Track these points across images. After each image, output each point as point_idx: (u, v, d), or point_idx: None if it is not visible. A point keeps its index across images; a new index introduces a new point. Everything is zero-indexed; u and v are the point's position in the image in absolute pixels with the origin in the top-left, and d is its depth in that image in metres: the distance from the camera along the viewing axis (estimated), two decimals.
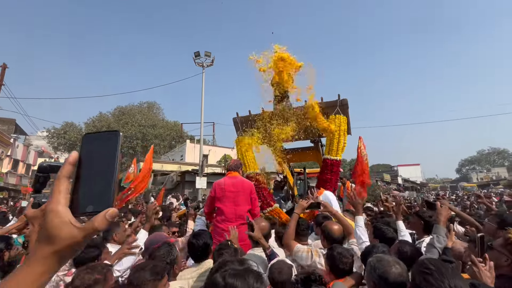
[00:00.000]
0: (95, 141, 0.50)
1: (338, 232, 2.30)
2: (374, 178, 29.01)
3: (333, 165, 4.66)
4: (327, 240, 2.32)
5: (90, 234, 0.43)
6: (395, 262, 1.50)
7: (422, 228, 2.61)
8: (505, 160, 62.84)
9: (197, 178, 13.47)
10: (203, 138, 19.21)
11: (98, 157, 0.48)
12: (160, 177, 16.82)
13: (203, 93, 15.48)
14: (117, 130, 0.51)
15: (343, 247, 2.13)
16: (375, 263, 1.52)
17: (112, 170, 0.47)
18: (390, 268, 1.44)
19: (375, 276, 1.47)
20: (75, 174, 0.47)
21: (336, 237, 2.29)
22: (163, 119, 40.68)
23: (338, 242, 2.25)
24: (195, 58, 15.78)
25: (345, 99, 4.99)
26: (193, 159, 25.16)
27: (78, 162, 0.48)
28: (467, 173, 63.96)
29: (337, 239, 2.28)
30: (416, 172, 56.97)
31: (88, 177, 0.48)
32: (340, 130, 4.71)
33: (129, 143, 33.24)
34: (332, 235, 2.29)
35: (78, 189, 0.47)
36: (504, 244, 1.63)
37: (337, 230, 2.32)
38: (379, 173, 40.96)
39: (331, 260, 1.96)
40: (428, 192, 36.10)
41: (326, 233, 2.34)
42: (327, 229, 2.34)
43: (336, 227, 2.34)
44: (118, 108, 38.97)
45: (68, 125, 36.77)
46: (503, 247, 1.62)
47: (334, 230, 2.31)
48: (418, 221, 2.69)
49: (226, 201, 3.09)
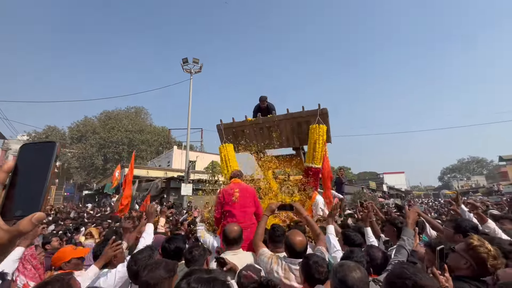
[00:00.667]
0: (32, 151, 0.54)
1: (300, 245, 2.13)
2: (360, 186, 29.56)
3: (313, 173, 4.81)
4: (288, 252, 2.18)
5: (15, 236, 0.47)
6: (356, 267, 1.54)
7: (396, 235, 2.65)
8: (483, 169, 65.53)
9: (183, 185, 13.32)
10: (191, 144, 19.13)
11: (33, 165, 0.52)
12: (145, 183, 16.51)
13: (191, 99, 15.49)
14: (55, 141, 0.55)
15: (318, 256, 2.09)
16: (337, 267, 1.58)
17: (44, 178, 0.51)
18: (350, 272, 1.49)
19: (336, 280, 1.52)
20: (10, 180, 0.51)
21: (298, 249, 2.13)
22: (150, 124, 40.13)
23: (300, 255, 2.10)
24: (183, 65, 15.81)
25: (325, 108, 5.16)
26: (180, 165, 24.85)
27: (14, 169, 0.52)
28: (448, 181, 66.13)
29: (298, 252, 2.12)
30: (401, 180, 58.40)
31: (22, 184, 0.51)
32: (319, 139, 4.86)
33: (114, 148, 32.50)
34: (294, 248, 2.14)
35: (12, 195, 0.51)
36: (465, 249, 1.73)
37: (299, 242, 2.15)
38: (365, 180, 41.73)
39: (307, 269, 1.92)
40: (412, 200, 37.01)
41: (288, 244, 2.18)
42: (289, 241, 2.18)
43: (299, 238, 2.17)
44: (104, 112, 38.18)
45: (50, 129, 35.63)
46: (464, 252, 1.73)
47: (296, 242, 2.15)
48: (391, 229, 2.77)
49: (234, 204, 3.26)
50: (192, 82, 15.67)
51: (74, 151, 32.72)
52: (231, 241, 2.36)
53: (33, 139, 34.12)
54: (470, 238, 1.76)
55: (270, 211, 2.64)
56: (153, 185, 15.04)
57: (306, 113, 5.26)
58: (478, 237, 1.76)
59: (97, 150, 32.57)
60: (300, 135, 5.45)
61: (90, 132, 34.37)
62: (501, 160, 50.22)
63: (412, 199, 38.08)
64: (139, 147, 33.56)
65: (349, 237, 2.50)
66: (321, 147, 4.85)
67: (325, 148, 5.28)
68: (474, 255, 1.67)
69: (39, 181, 0.51)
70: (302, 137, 5.42)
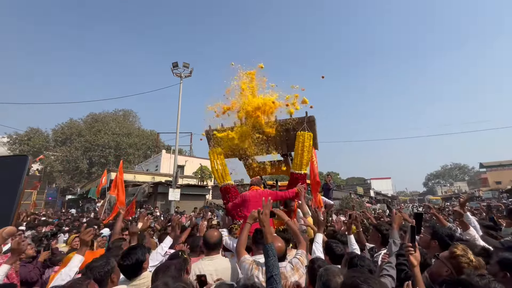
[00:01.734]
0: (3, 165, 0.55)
1: (278, 250, 2.10)
2: (348, 191, 30.01)
3: (298, 179, 4.87)
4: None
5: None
6: (340, 272, 1.59)
7: (380, 241, 2.71)
8: (465, 175, 67.96)
9: (170, 190, 13.11)
10: (180, 149, 18.93)
11: (3, 181, 0.54)
12: (131, 188, 16.16)
13: (180, 103, 15.40)
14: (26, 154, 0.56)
15: (323, 260, 2.16)
16: (322, 272, 1.63)
17: (15, 193, 0.53)
18: (333, 277, 1.53)
19: (320, 284, 1.56)
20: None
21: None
22: (139, 127, 39.48)
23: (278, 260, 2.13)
24: (173, 69, 15.74)
25: (312, 116, 5.27)
26: (169, 169, 24.48)
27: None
28: (433, 187, 68.15)
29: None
30: (387, 185, 59.68)
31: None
32: (304, 146, 4.95)
33: (101, 151, 31.71)
34: None
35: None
36: (448, 257, 1.77)
37: (277, 248, 2.10)
38: (353, 186, 42.43)
39: (312, 272, 1.94)
40: (398, 205, 37.84)
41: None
42: None
43: (278, 244, 2.17)
44: (90, 115, 37.30)
45: (33, 131, 34.42)
46: (447, 259, 1.76)
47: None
48: (376, 234, 2.80)
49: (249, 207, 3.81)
50: (182, 87, 15.60)
51: (58, 154, 31.68)
52: (211, 246, 2.42)
53: (14, 141, 32.83)
54: (454, 247, 1.78)
55: (252, 219, 2.64)
56: (139, 190, 14.73)
57: (294, 120, 5.35)
58: (462, 247, 1.77)
59: (82, 154, 31.67)
60: (288, 142, 5.52)
61: (75, 134, 33.43)
62: (482, 167, 52.28)
63: (398, 203, 38.89)
64: (126, 151, 32.89)
65: (330, 248, 2.49)
66: (307, 154, 4.95)
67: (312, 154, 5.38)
68: (455, 264, 1.70)
69: (9, 196, 0.52)
70: (290, 143, 5.48)
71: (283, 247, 2.24)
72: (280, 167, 6.50)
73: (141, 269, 2.10)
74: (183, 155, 28.70)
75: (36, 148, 32.45)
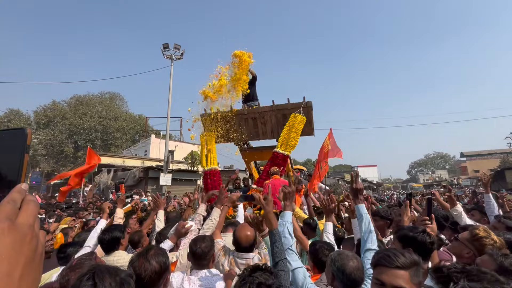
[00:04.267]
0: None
1: (246, 240, 2.05)
2: (336, 178, 30.80)
3: (278, 158, 4.93)
4: (235, 246, 2.12)
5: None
6: (353, 256, 1.64)
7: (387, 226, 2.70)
8: (446, 164, 70.93)
9: (162, 175, 13.00)
10: (170, 134, 18.59)
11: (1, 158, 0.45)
12: (121, 172, 15.93)
13: (171, 87, 14.96)
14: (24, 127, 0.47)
15: (323, 241, 2.18)
16: (335, 256, 1.65)
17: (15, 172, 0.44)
18: (348, 261, 1.57)
19: (334, 268, 1.59)
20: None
21: (243, 245, 2.06)
22: (126, 111, 38.33)
23: (245, 250, 2.07)
24: (164, 50, 15.16)
25: (310, 102, 5.28)
26: (158, 154, 24.18)
27: None
28: (415, 175, 70.85)
29: (243, 248, 2.07)
30: (373, 173, 61.54)
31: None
32: (293, 127, 4.98)
33: (87, 135, 30.76)
34: (239, 243, 2.07)
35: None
36: (470, 239, 1.77)
37: (245, 237, 2.06)
38: (341, 173, 43.51)
39: (314, 254, 1.98)
40: (383, 192, 39.27)
41: (234, 239, 2.12)
42: (235, 236, 2.11)
43: (247, 233, 2.08)
44: (75, 97, 35.77)
45: (13, 113, 32.81)
46: (468, 241, 1.77)
47: (241, 238, 2.06)
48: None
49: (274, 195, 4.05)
50: (172, 69, 15.13)
51: (41, 137, 30.49)
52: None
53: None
54: (475, 229, 1.78)
55: (230, 202, 2.62)
56: (130, 175, 14.54)
57: (291, 105, 5.35)
58: (484, 228, 1.78)
59: (67, 137, 30.63)
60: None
61: (58, 117, 32.12)
62: (462, 156, 54.65)
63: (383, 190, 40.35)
64: (113, 135, 32.06)
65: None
66: (296, 136, 4.98)
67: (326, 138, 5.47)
68: (479, 246, 1.69)
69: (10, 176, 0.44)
70: None
71: (252, 236, 2.11)
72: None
73: (118, 245, 2.32)
74: (173, 140, 28.30)
75: None
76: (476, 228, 1.81)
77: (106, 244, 2.28)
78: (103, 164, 15.34)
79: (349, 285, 1.53)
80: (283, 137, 5.04)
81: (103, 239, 2.27)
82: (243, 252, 2.07)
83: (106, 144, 31.75)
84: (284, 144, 5.02)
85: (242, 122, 5.85)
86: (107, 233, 2.29)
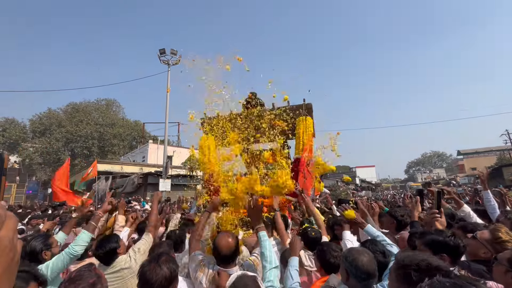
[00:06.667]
0: None
1: (226, 248, 1.88)
2: (335, 179, 30.79)
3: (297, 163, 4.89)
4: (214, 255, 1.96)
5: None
6: (364, 251, 1.67)
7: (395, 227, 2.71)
8: (443, 162, 71.38)
9: (161, 180, 12.91)
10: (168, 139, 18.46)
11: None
12: (119, 179, 15.78)
13: (168, 92, 14.94)
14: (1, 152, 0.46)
15: (330, 243, 2.16)
16: (347, 253, 1.68)
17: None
18: (359, 256, 1.60)
19: (347, 264, 1.61)
20: None
21: (222, 254, 1.89)
22: (123, 118, 38.14)
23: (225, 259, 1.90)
24: (160, 56, 15.16)
25: (310, 103, 5.29)
26: (156, 160, 24.03)
27: None
28: (413, 174, 71.18)
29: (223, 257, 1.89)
30: (371, 173, 61.67)
31: None
32: (307, 130, 4.98)
33: (83, 142, 30.51)
34: (219, 251, 1.89)
35: None
36: (490, 241, 1.69)
37: (225, 245, 1.88)
38: (339, 174, 43.56)
39: (322, 255, 1.97)
40: (382, 192, 39.34)
41: (213, 246, 1.95)
42: (215, 244, 1.94)
43: (228, 240, 1.91)
44: (71, 104, 35.53)
45: (8, 122, 32.48)
46: (488, 243, 1.70)
47: (221, 246, 1.89)
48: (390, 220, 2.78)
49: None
50: (169, 74, 15.11)
51: (37, 146, 30.19)
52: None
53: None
54: (497, 231, 1.71)
55: (212, 208, 2.33)
56: (128, 181, 14.41)
57: (291, 107, 5.34)
58: (506, 230, 1.71)
59: (64, 145, 30.37)
60: (285, 129, 5.53)
61: (55, 125, 31.85)
62: (459, 154, 55.02)
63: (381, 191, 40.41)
64: (110, 142, 31.85)
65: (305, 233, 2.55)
66: (309, 138, 4.97)
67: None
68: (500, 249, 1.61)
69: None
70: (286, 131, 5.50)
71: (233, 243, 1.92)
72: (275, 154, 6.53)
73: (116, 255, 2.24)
74: (170, 145, 28.16)
75: (12, 140, 30.75)
76: (497, 230, 1.73)
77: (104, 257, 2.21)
78: (101, 171, 15.18)
79: (364, 278, 1.54)
80: (298, 143, 5.05)
81: (99, 255, 2.19)
82: (224, 262, 1.90)
83: (103, 151, 31.51)
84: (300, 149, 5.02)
85: (243, 125, 5.82)
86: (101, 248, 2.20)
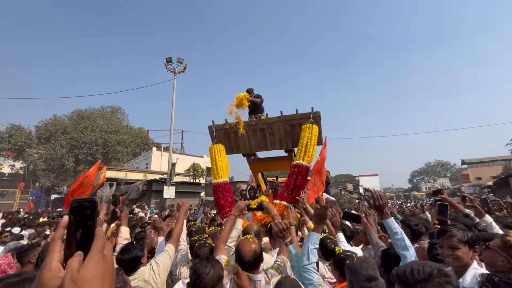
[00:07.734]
0: None
1: (249, 254, 1.92)
2: (339, 188, 30.61)
3: (300, 170, 4.87)
4: (237, 261, 2.00)
5: None
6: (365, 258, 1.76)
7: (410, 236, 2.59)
8: (447, 172, 70.69)
9: (165, 187, 12.92)
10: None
11: None
12: (124, 186, 15.80)
13: (174, 100, 15.12)
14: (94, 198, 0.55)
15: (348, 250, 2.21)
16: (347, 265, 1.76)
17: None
18: (360, 262, 1.68)
19: (348, 275, 1.69)
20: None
21: (246, 259, 1.92)
22: (127, 125, 38.49)
23: (249, 265, 1.93)
24: (167, 64, 15.42)
25: (318, 112, 5.33)
26: (160, 167, 24.11)
27: None
28: (417, 183, 70.44)
29: (247, 262, 1.92)
30: (375, 182, 61.09)
31: None
32: (311, 138, 4.99)
33: (88, 149, 30.74)
34: (242, 257, 1.94)
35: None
36: (502, 247, 1.70)
37: (248, 252, 1.93)
38: (342, 182, 43.32)
39: (339, 264, 1.97)
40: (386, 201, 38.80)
41: (237, 252, 2.00)
42: (238, 249, 2.00)
43: (252, 247, 1.95)
44: (76, 111, 35.99)
45: (14, 128, 32.85)
46: (501, 249, 1.70)
47: (244, 252, 1.93)
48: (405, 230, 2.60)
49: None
50: (175, 82, 15.33)
51: (42, 152, 30.44)
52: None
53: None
54: (506, 236, 1.74)
55: (238, 211, 2.43)
56: (133, 188, 14.43)
57: (300, 115, 5.39)
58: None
59: (68, 151, 30.60)
60: (293, 138, 5.55)
61: (60, 132, 32.20)
62: (463, 163, 54.51)
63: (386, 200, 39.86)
64: (115, 148, 32.07)
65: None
66: (313, 146, 4.98)
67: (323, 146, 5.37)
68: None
69: None
70: (295, 139, 5.51)
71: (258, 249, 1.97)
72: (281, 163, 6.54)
73: (139, 264, 2.19)
74: (174, 152, 28.28)
75: (18, 146, 31.05)
76: (506, 234, 1.78)
77: (126, 264, 2.14)
78: (106, 178, 15.23)
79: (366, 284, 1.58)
80: (300, 150, 5.05)
81: (122, 260, 2.13)
82: (248, 268, 1.92)
83: (107, 158, 31.67)
84: (302, 156, 5.01)
85: (250, 132, 5.87)
86: (127, 253, 2.15)
